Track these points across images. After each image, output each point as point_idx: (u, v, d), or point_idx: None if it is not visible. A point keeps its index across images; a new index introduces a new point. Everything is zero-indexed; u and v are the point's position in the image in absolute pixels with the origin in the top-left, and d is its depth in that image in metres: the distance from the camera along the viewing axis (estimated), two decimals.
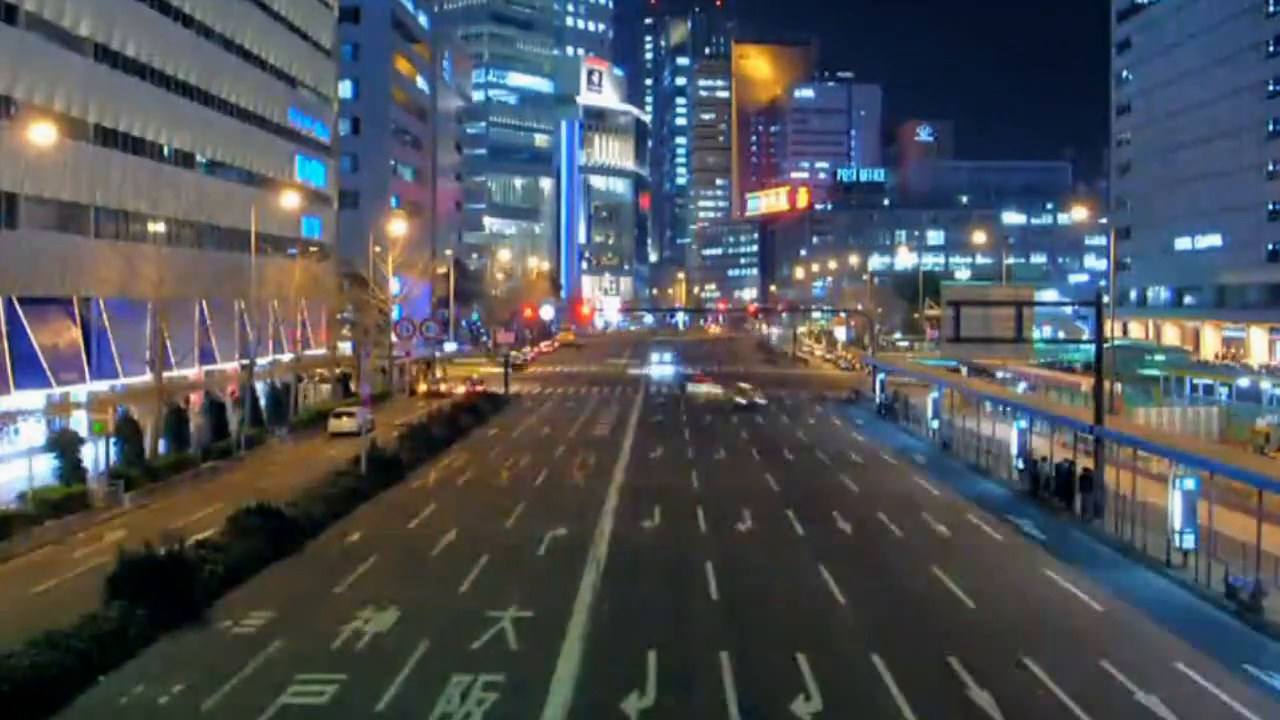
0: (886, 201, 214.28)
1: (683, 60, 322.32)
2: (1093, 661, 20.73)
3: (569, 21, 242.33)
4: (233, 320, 55.44)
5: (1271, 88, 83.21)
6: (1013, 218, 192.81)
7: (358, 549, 29.94)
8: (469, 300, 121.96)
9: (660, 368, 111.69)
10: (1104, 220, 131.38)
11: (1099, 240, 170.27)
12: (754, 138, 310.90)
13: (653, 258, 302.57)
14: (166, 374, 45.11)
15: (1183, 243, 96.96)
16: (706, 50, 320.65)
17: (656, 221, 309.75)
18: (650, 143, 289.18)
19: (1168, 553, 28.15)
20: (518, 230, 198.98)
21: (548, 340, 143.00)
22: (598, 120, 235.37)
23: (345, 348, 72.55)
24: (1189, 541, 27.44)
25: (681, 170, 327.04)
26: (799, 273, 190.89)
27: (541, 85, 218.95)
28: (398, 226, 73.37)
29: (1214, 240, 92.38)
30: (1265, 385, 54.86)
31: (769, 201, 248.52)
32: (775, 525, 33.89)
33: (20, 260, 40.80)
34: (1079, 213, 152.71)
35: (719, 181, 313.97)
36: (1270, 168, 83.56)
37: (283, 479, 39.26)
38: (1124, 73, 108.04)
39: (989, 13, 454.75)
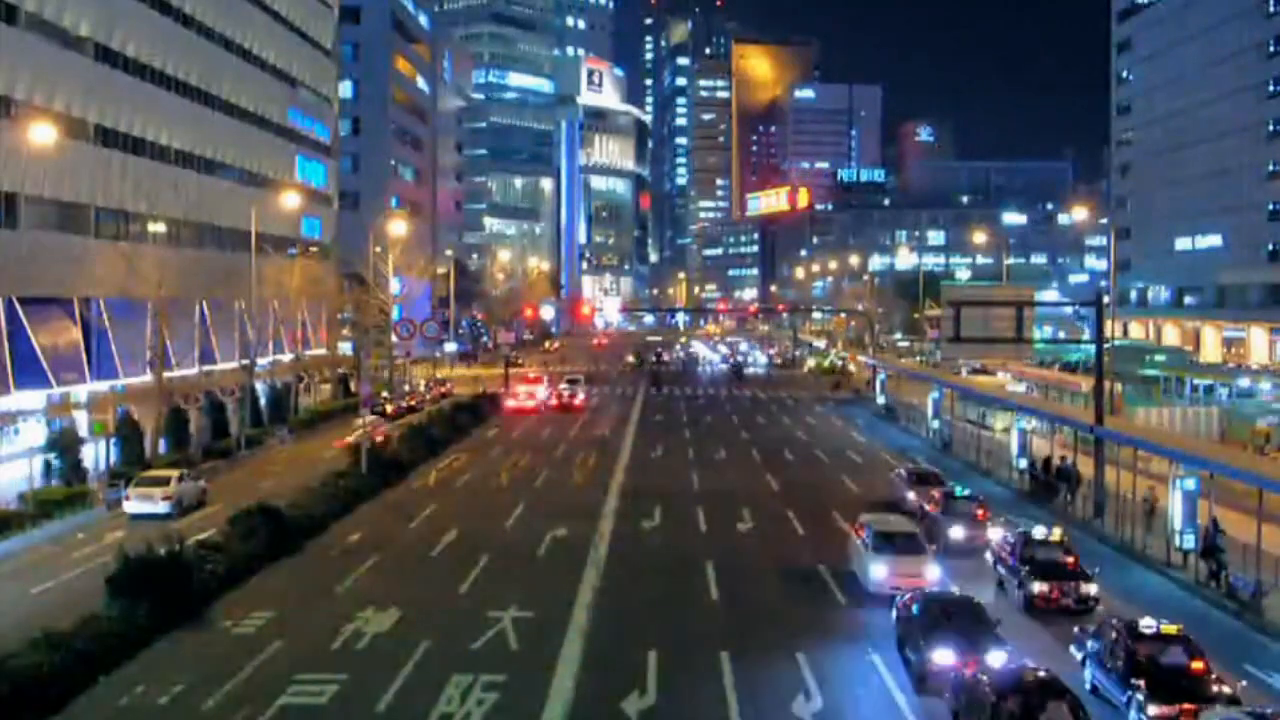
0: (887, 201, 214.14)
1: (683, 60, 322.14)
2: None
3: (569, 21, 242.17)
4: (233, 320, 55.43)
5: (1271, 88, 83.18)
6: (1013, 218, 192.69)
7: (358, 549, 29.95)
8: (469, 300, 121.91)
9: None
10: (1104, 220, 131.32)
11: (1099, 240, 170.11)
12: (754, 138, 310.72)
13: (653, 258, 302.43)
14: (166, 374, 45.10)
15: (1183, 243, 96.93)
16: (706, 50, 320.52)
17: (656, 221, 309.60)
18: (650, 143, 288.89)
19: (1168, 553, 28.14)
20: (518, 230, 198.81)
21: (548, 340, 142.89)
22: (598, 120, 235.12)
23: (345, 348, 72.54)
24: (1189, 541, 27.43)
25: (682, 170, 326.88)
26: (799, 273, 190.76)
27: (541, 85, 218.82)
28: (398, 226, 73.33)
29: (1214, 240, 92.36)
30: (1265, 386, 54.85)
31: (769, 201, 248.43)
32: (776, 525, 33.90)
33: (20, 260, 40.81)
34: (1079, 213, 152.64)
35: (719, 181, 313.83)
36: (1270, 168, 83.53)
37: (283, 479, 39.28)
38: (1124, 73, 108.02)
39: (989, 13, 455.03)
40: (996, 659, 17.81)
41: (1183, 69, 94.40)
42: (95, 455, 39.02)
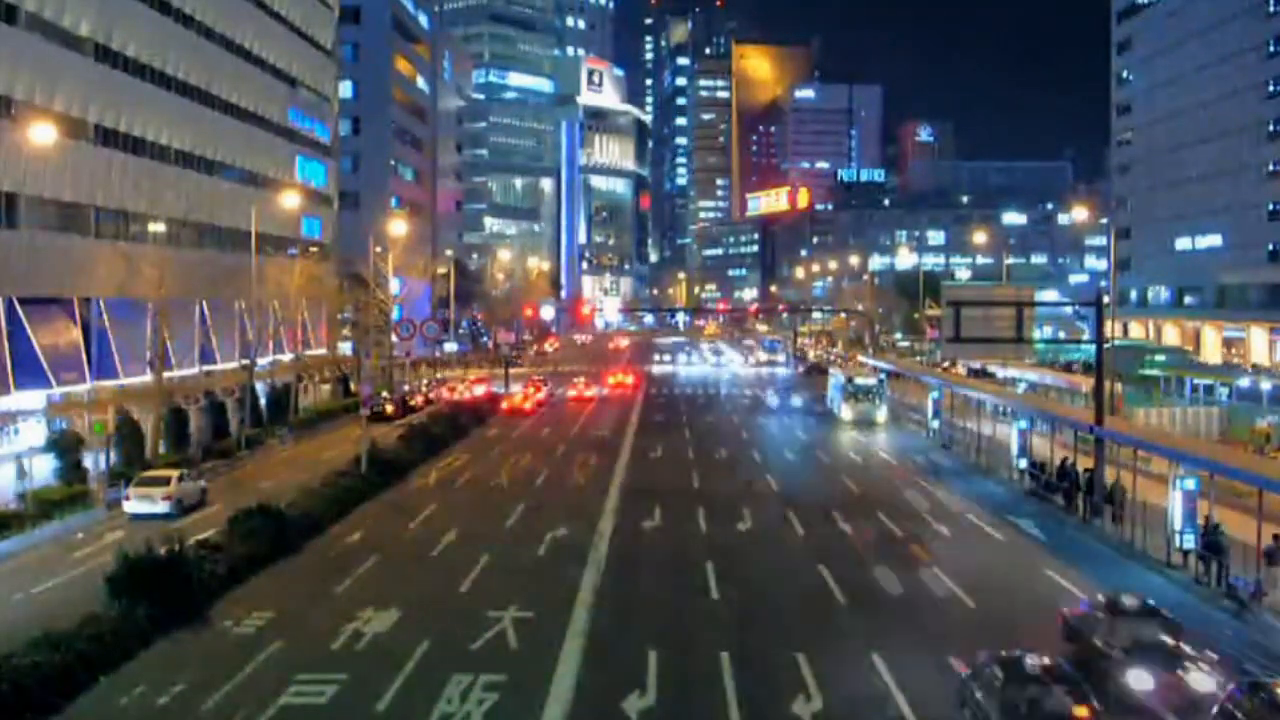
0: (886, 201, 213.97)
1: (683, 60, 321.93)
2: None
3: (569, 21, 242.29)
4: (233, 320, 55.43)
5: (1271, 88, 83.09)
6: (1013, 218, 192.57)
7: (358, 549, 29.94)
8: (469, 300, 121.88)
9: None
10: (1104, 220, 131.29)
11: (1099, 240, 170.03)
12: (754, 138, 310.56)
13: (653, 258, 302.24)
14: (166, 374, 45.09)
15: (1183, 243, 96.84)
16: (707, 50, 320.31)
17: (656, 221, 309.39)
18: (650, 143, 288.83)
19: (1168, 553, 28.14)
20: (518, 230, 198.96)
21: (546, 340, 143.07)
22: (598, 120, 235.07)
23: (345, 348, 72.51)
24: (1189, 541, 27.42)
25: (682, 170, 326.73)
26: (799, 273, 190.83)
27: (541, 85, 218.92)
28: (398, 226, 73.37)
29: (1214, 240, 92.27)
30: (1265, 385, 54.86)
31: (769, 202, 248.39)
32: (776, 526, 33.89)
33: (20, 260, 40.83)
34: (1079, 213, 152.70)
35: (719, 182, 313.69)
36: (1270, 168, 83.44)
37: (283, 479, 39.25)
38: (1124, 73, 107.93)
39: (989, 12, 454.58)
40: None
41: (1183, 69, 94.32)
42: (95, 455, 38.99)
